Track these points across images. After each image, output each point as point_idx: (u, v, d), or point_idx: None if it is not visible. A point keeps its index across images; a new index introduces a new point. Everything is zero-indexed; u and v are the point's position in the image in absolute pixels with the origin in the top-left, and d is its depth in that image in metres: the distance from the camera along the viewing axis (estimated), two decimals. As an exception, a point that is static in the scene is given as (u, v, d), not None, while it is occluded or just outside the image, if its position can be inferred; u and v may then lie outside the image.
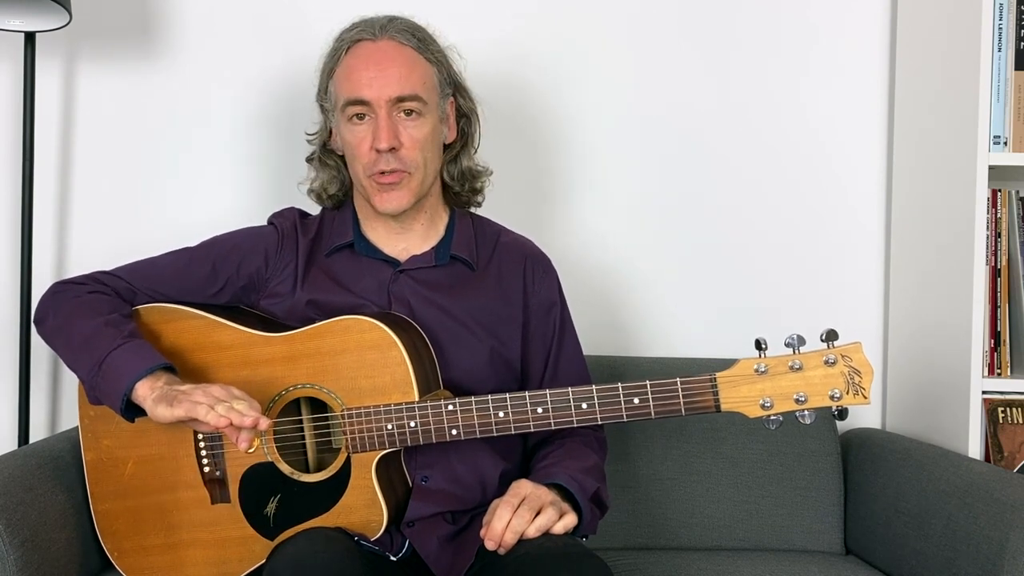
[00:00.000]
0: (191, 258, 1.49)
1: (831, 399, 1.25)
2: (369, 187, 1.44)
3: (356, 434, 1.34)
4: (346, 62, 1.44)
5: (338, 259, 1.49)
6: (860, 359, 1.25)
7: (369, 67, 1.41)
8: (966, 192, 1.68)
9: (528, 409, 1.31)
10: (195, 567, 1.40)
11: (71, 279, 1.48)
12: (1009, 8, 1.67)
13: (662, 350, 1.98)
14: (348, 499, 1.35)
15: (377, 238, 1.51)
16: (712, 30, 1.99)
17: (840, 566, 1.66)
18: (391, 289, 1.46)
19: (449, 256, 1.49)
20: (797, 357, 1.25)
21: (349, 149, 1.45)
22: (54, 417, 1.93)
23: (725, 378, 1.27)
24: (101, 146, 1.94)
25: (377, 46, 1.43)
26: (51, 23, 1.76)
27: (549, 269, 1.57)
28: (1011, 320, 1.72)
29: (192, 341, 1.42)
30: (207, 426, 1.25)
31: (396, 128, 1.41)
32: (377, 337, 1.34)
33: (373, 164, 1.41)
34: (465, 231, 1.53)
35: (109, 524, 1.45)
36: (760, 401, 1.26)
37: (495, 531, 1.26)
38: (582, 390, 1.31)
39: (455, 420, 1.32)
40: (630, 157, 1.99)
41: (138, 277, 1.47)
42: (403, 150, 1.41)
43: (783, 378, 1.25)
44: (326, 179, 1.53)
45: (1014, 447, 1.67)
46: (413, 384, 1.33)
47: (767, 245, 2.00)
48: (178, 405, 1.26)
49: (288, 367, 1.37)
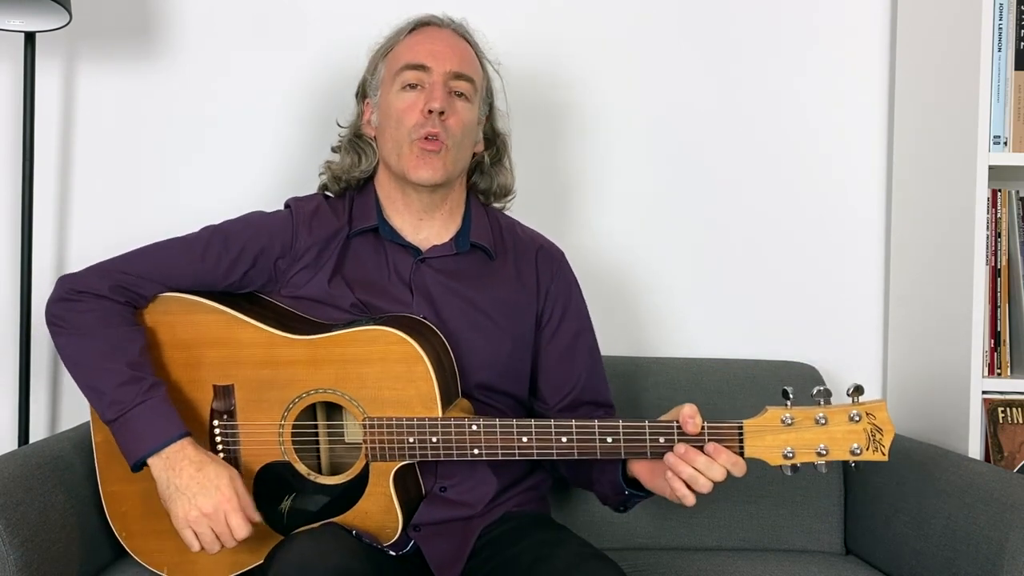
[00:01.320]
0: (206, 245, 1.46)
1: (852, 454, 1.26)
2: (409, 153, 1.45)
3: (377, 443, 1.34)
4: (411, 37, 1.51)
5: (361, 242, 1.50)
6: (883, 417, 1.26)
7: (435, 42, 1.49)
8: (966, 192, 1.68)
9: (552, 437, 1.31)
10: (205, 552, 1.40)
11: (78, 278, 1.43)
12: (1009, 8, 1.67)
13: (669, 350, 1.99)
14: (365, 504, 1.36)
15: (400, 224, 1.51)
16: (714, 31, 1.99)
17: (840, 566, 1.66)
18: (413, 279, 1.47)
19: (469, 244, 1.51)
20: (823, 411, 1.26)
21: (395, 115, 1.46)
22: (54, 417, 1.92)
23: (752, 427, 1.28)
24: (101, 146, 1.94)
25: (443, 31, 1.52)
26: (51, 23, 1.76)
27: (563, 262, 1.59)
28: (1011, 320, 1.72)
29: (212, 335, 1.42)
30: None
31: (448, 98, 1.46)
32: (404, 351, 1.34)
33: (420, 126, 1.44)
34: (481, 220, 1.55)
35: (118, 506, 1.45)
36: (783, 451, 1.27)
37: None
38: (608, 424, 1.30)
39: (478, 440, 1.32)
40: (639, 157, 1.99)
41: (148, 268, 1.44)
42: (450, 120, 1.45)
43: (808, 431, 1.27)
44: (349, 164, 1.54)
45: (1014, 447, 1.67)
46: (437, 400, 1.34)
47: (768, 244, 2.00)
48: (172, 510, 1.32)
49: (311, 370, 1.37)
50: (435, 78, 1.45)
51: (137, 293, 1.43)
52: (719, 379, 1.82)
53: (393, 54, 1.51)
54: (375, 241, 1.50)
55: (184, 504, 1.30)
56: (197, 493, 1.30)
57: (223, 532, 1.30)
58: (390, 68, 1.50)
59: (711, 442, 1.27)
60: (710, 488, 1.27)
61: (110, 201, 1.93)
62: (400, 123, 1.46)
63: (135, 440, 1.33)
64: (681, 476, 1.27)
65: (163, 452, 1.32)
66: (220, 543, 1.31)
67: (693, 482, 1.26)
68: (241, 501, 1.31)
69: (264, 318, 1.42)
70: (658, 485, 1.33)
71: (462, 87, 1.47)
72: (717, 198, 2.00)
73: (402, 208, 1.51)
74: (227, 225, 1.50)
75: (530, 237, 1.59)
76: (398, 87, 1.47)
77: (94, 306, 1.40)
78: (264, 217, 1.52)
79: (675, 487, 1.27)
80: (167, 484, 1.32)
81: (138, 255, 1.46)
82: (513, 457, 1.32)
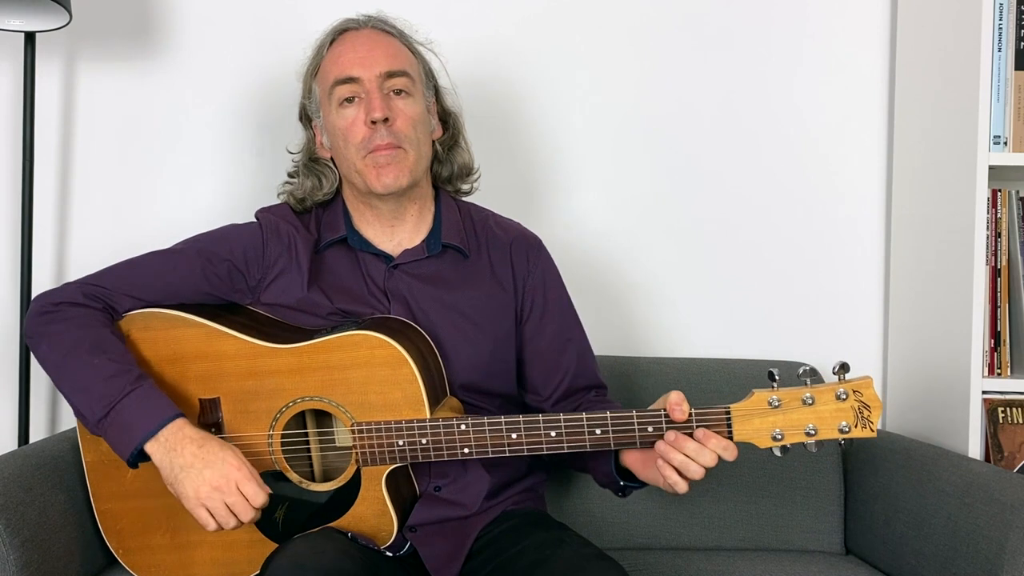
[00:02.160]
0: (179, 259, 1.46)
1: (840, 432, 1.27)
2: (364, 168, 1.43)
3: (367, 448, 1.34)
4: (333, 50, 1.47)
5: (332, 254, 1.49)
6: (870, 394, 1.27)
7: (357, 49, 1.45)
8: (966, 192, 1.68)
9: (541, 432, 1.31)
10: (203, 566, 1.40)
11: (54, 293, 1.42)
12: (1009, 8, 1.67)
13: (668, 350, 1.99)
14: (359, 509, 1.36)
15: (371, 234, 1.50)
16: (710, 29, 1.99)
17: (840, 566, 1.66)
18: (387, 286, 1.46)
19: (441, 245, 1.49)
20: (810, 391, 1.27)
21: (341, 135, 1.44)
22: (54, 417, 1.93)
23: (740, 411, 1.28)
24: (101, 146, 1.94)
25: (361, 33, 1.47)
26: (51, 23, 1.76)
27: (539, 249, 1.57)
28: (1011, 320, 1.72)
29: (194, 349, 1.41)
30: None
31: (388, 102, 1.42)
32: (389, 354, 1.34)
33: (368, 140, 1.41)
34: (452, 216, 1.53)
35: (113, 523, 1.45)
36: (772, 433, 1.27)
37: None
38: (596, 416, 1.30)
39: (467, 439, 1.32)
40: (638, 157, 1.99)
41: (123, 282, 1.43)
42: (396, 123, 1.42)
43: (796, 412, 1.27)
44: (311, 187, 1.51)
45: (1014, 447, 1.67)
46: (425, 402, 1.33)
47: (767, 244, 2.00)
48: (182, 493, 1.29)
49: (296, 379, 1.37)
50: (368, 86, 1.42)
51: (112, 305, 1.42)
52: (719, 379, 1.82)
53: (321, 72, 1.48)
54: (347, 251, 1.49)
55: (192, 480, 1.27)
56: (203, 468, 1.27)
57: (237, 503, 1.26)
58: (322, 87, 1.47)
59: (700, 428, 1.27)
60: (702, 474, 1.26)
61: (110, 201, 1.93)
62: (347, 141, 1.43)
63: (128, 431, 1.30)
64: (672, 463, 1.26)
65: (160, 435, 1.29)
66: (236, 518, 1.27)
67: (684, 469, 1.26)
68: (251, 470, 1.28)
69: (246, 329, 1.41)
70: (650, 475, 1.33)
71: (398, 84, 1.43)
72: (717, 198, 1.99)
73: (371, 219, 1.50)
74: (200, 238, 1.50)
75: (504, 229, 1.56)
76: (335, 105, 1.44)
77: (72, 314, 1.39)
78: (236, 229, 1.51)
79: (666, 475, 1.27)
80: (170, 466, 1.28)
81: (113, 270, 1.45)
82: (503, 454, 1.32)
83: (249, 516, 1.27)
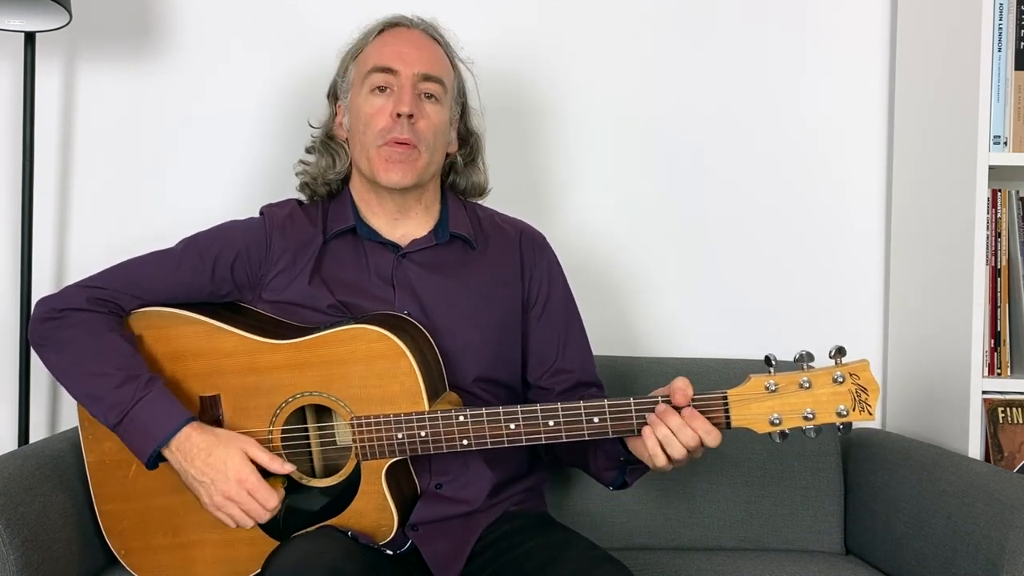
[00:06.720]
0: (180, 258, 1.47)
1: (838, 415, 1.26)
2: (376, 157, 1.45)
3: (366, 442, 1.34)
4: (380, 39, 1.51)
5: (340, 244, 1.50)
6: (867, 377, 1.26)
7: (403, 44, 1.48)
8: (966, 192, 1.68)
9: (540, 422, 1.31)
10: (204, 565, 1.40)
11: (57, 297, 1.43)
12: (1009, 8, 1.67)
13: (667, 350, 1.98)
14: (359, 504, 1.36)
15: (378, 224, 1.52)
16: (710, 28, 1.99)
17: (840, 566, 1.66)
18: (395, 274, 1.47)
19: (449, 235, 1.51)
20: (806, 375, 1.26)
21: (363, 119, 1.46)
22: (54, 417, 1.93)
23: (736, 396, 1.28)
24: (101, 146, 1.94)
25: (412, 31, 1.51)
26: (51, 23, 1.76)
27: (545, 246, 1.59)
28: (1011, 320, 1.72)
29: (194, 347, 1.41)
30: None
31: (417, 102, 1.45)
32: (386, 347, 1.34)
33: (388, 131, 1.44)
34: (459, 211, 1.55)
35: (115, 524, 1.45)
36: (770, 418, 1.27)
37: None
38: (594, 404, 1.30)
39: (466, 431, 1.32)
40: (638, 157, 1.99)
41: (124, 282, 1.44)
42: (419, 123, 1.45)
43: (793, 396, 1.26)
44: (325, 165, 1.54)
45: (1014, 447, 1.67)
46: (423, 394, 1.34)
47: (768, 244, 2.00)
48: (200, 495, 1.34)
49: (295, 374, 1.37)
50: (403, 81, 1.45)
51: (116, 305, 1.43)
52: (718, 379, 1.81)
53: (362, 56, 1.51)
54: (353, 242, 1.50)
55: (207, 492, 1.33)
56: (214, 480, 1.32)
57: (251, 509, 1.31)
58: (359, 70, 1.50)
59: (689, 407, 1.27)
60: (683, 455, 1.26)
61: (110, 201, 1.93)
62: (368, 127, 1.46)
63: (142, 438, 1.34)
64: (656, 434, 1.27)
65: (171, 444, 1.33)
66: (252, 519, 1.32)
67: (667, 443, 1.26)
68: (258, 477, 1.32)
69: (245, 326, 1.42)
70: (638, 447, 1.33)
71: (431, 89, 1.47)
72: (716, 198, 1.99)
73: (377, 210, 1.52)
74: (201, 236, 1.51)
75: (510, 223, 1.60)
76: (367, 90, 1.47)
77: (77, 320, 1.40)
78: (237, 225, 1.52)
79: (649, 445, 1.27)
80: (186, 476, 1.34)
81: (113, 271, 1.46)
82: (502, 445, 1.32)
83: (265, 518, 1.32)
